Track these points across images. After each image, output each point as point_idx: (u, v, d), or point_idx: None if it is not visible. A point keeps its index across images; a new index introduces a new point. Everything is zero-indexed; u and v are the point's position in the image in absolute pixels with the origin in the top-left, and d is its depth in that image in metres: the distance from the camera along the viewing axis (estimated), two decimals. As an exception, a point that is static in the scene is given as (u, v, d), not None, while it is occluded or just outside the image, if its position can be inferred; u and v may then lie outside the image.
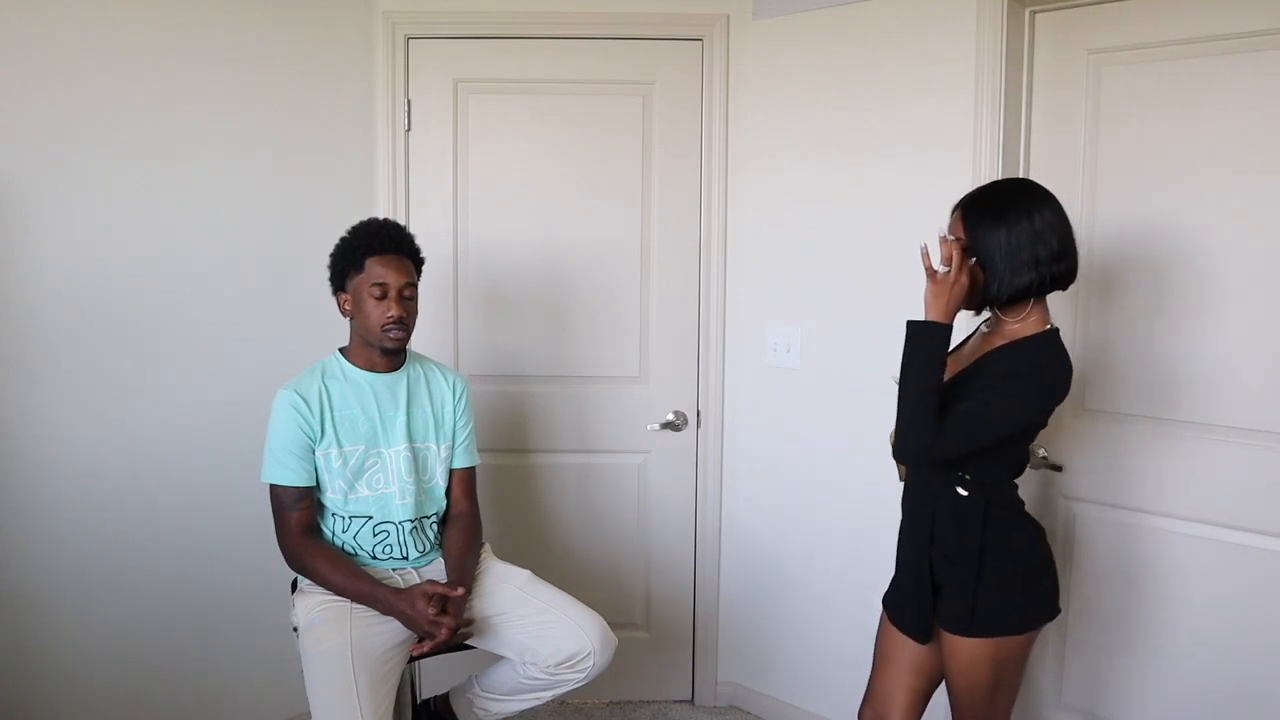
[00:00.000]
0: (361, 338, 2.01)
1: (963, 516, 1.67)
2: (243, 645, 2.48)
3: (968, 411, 1.59)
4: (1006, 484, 1.72)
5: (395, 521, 2.02)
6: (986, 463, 1.66)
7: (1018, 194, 1.63)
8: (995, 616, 1.67)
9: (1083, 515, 2.22)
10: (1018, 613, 1.68)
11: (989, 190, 1.66)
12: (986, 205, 1.63)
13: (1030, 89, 2.20)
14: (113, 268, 2.21)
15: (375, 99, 2.60)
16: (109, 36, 2.16)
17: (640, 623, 2.81)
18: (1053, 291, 1.64)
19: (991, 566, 1.66)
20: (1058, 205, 1.62)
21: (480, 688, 2.08)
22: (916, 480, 1.79)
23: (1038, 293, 1.62)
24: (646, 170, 2.64)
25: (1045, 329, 1.65)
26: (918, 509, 1.76)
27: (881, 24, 2.32)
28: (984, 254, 1.61)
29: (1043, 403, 1.64)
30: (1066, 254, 1.61)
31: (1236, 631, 2.03)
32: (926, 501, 1.73)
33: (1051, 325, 1.66)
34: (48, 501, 2.16)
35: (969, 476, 1.67)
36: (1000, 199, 1.63)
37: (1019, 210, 1.59)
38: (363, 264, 1.96)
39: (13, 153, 2.05)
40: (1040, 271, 1.59)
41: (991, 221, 1.60)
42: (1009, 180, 1.66)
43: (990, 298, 1.64)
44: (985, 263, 1.61)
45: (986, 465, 1.67)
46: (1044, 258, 1.59)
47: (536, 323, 2.70)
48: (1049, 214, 1.60)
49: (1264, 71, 1.91)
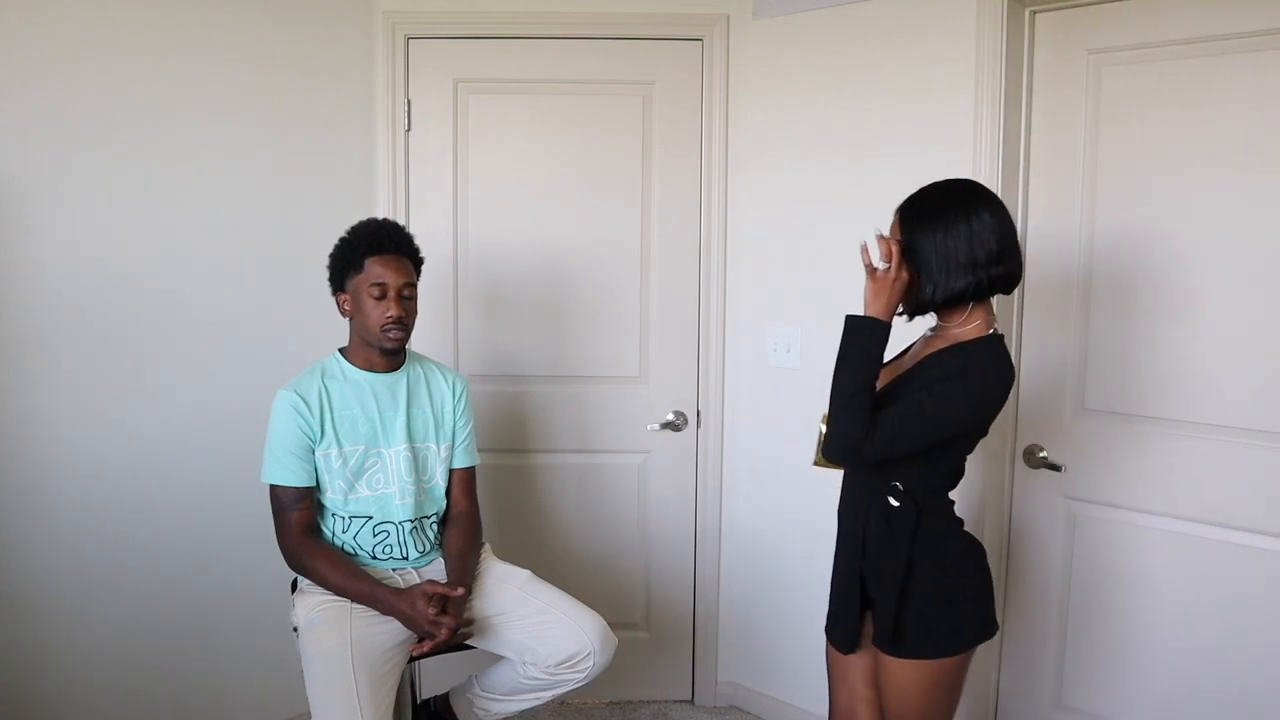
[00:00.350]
0: (361, 338, 2.01)
1: (893, 527, 1.63)
2: (243, 645, 2.48)
3: (900, 411, 1.56)
4: (941, 496, 1.67)
5: (395, 521, 2.02)
6: (920, 470, 1.62)
7: (957, 195, 1.59)
8: (923, 637, 1.61)
9: (1083, 515, 2.22)
10: (947, 634, 1.62)
11: (928, 191, 1.62)
12: (923, 206, 1.60)
13: (1030, 89, 2.20)
14: (113, 267, 2.21)
15: (375, 99, 2.60)
16: (109, 36, 2.16)
17: (640, 623, 2.81)
18: (993, 295, 1.61)
19: (920, 582, 1.61)
20: (1000, 207, 1.58)
21: (480, 688, 2.08)
22: (851, 488, 1.74)
23: (975, 297, 1.58)
24: (646, 170, 2.64)
25: (988, 334, 1.61)
26: (851, 519, 1.72)
27: (881, 24, 2.32)
28: (919, 256, 1.58)
29: (979, 407, 1.59)
30: (1006, 257, 1.56)
31: (1236, 631, 2.03)
32: (860, 511, 1.69)
33: (995, 330, 1.63)
34: (48, 501, 2.16)
35: (901, 486, 1.62)
36: (938, 200, 1.59)
37: (956, 212, 1.56)
38: (362, 264, 1.96)
39: (13, 152, 2.05)
40: (978, 275, 1.55)
41: (928, 223, 1.57)
42: (951, 181, 1.62)
43: (925, 300, 1.60)
44: (920, 265, 1.58)
45: (920, 473, 1.62)
46: (982, 260, 1.54)
47: (536, 323, 2.70)
48: (988, 216, 1.55)
49: (1264, 71, 1.91)
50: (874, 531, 1.66)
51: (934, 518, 1.65)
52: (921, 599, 1.62)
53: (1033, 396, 2.27)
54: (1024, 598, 2.33)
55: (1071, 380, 2.21)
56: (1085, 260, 2.17)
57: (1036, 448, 2.26)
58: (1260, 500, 1.97)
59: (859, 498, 1.70)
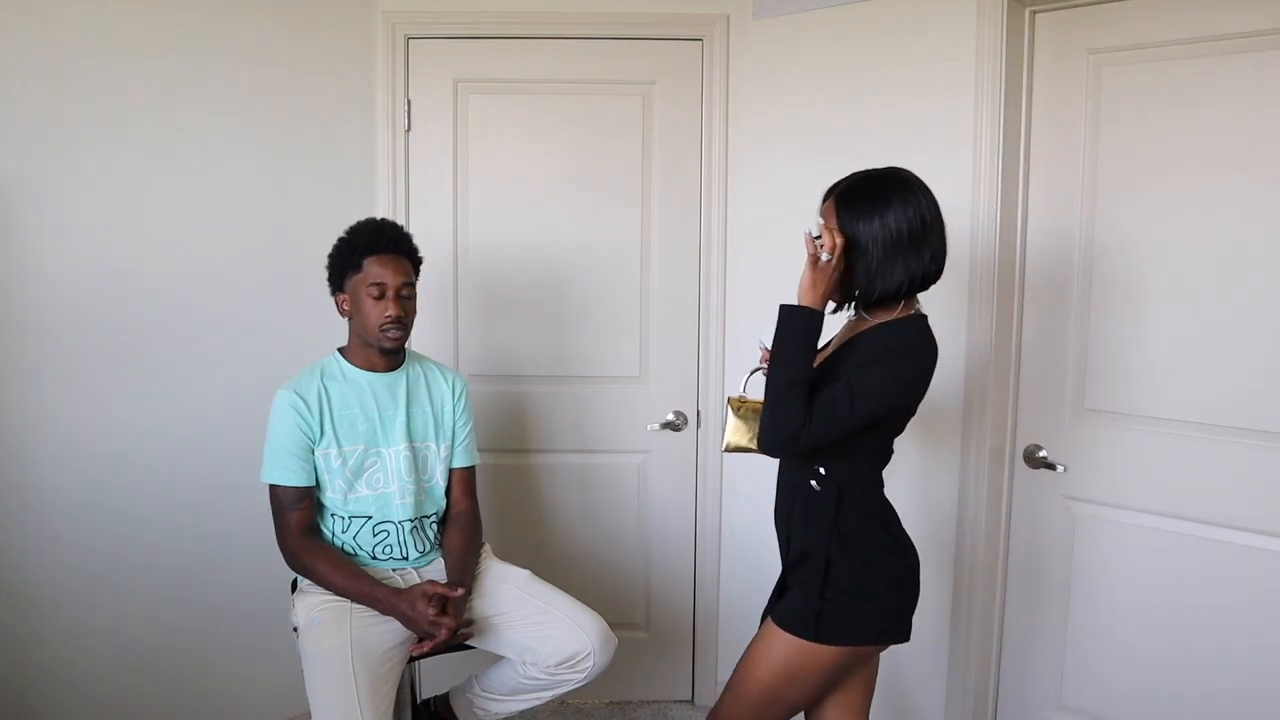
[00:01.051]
0: (360, 338, 2.01)
1: (812, 512, 1.62)
2: (243, 645, 2.48)
3: (832, 396, 1.54)
4: (865, 482, 1.64)
5: (395, 521, 2.02)
6: (846, 454, 1.60)
7: (891, 185, 1.56)
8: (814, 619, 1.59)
9: (1083, 515, 2.22)
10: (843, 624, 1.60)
11: (863, 181, 1.59)
12: (860, 196, 1.56)
13: (1030, 89, 2.20)
14: (113, 267, 2.21)
15: (375, 99, 2.60)
16: (109, 37, 2.16)
17: (640, 623, 2.81)
18: (925, 289, 1.61)
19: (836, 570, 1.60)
20: (932, 197, 1.57)
21: (480, 688, 2.08)
22: (782, 474, 1.73)
23: (909, 292, 1.59)
24: (646, 170, 2.64)
25: (911, 314, 1.61)
26: (780, 506, 1.72)
27: (881, 24, 2.32)
28: (856, 247, 1.56)
29: (910, 384, 1.59)
30: (938, 249, 1.57)
31: (1236, 631, 2.03)
32: (787, 497, 1.69)
33: (919, 310, 1.63)
34: (49, 499, 2.16)
35: (824, 470, 1.61)
36: (874, 190, 1.56)
37: (893, 202, 1.54)
38: (360, 264, 1.96)
39: (14, 153, 2.05)
40: (910, 269, 1.55)
41: (865, 214, 1.55)
42: (883, 170, 1.59)
43: (861, 290, 1.58)
44: (857, 256, 1.56)
45: (846, 457, 1.61)
46: (913, 251, 1.54)
47: (536, 323, 2.70)
48: (924, 206, 1.55)
49: (1264, 71, 1.91)
50: (798, 516, 1.66)
51: (857, 508, 1.62)
52: (833, 585, 1.60)
53: (1033, 396, 2.27)
54: (1024, 598, 2.33)
55: (1071, 380, 2.21)
56: (1085, 260, 2.17)
57: (1036, 448, 2.26)
58: (1260, 500, 1.97)
59: (788, 482, 1.70)
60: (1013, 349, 2.28)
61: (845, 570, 1.61)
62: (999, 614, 2.37)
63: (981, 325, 2.22)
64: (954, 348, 2.27)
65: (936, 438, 2.32)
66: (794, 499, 1.67)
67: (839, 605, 1.60)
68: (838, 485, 1.61)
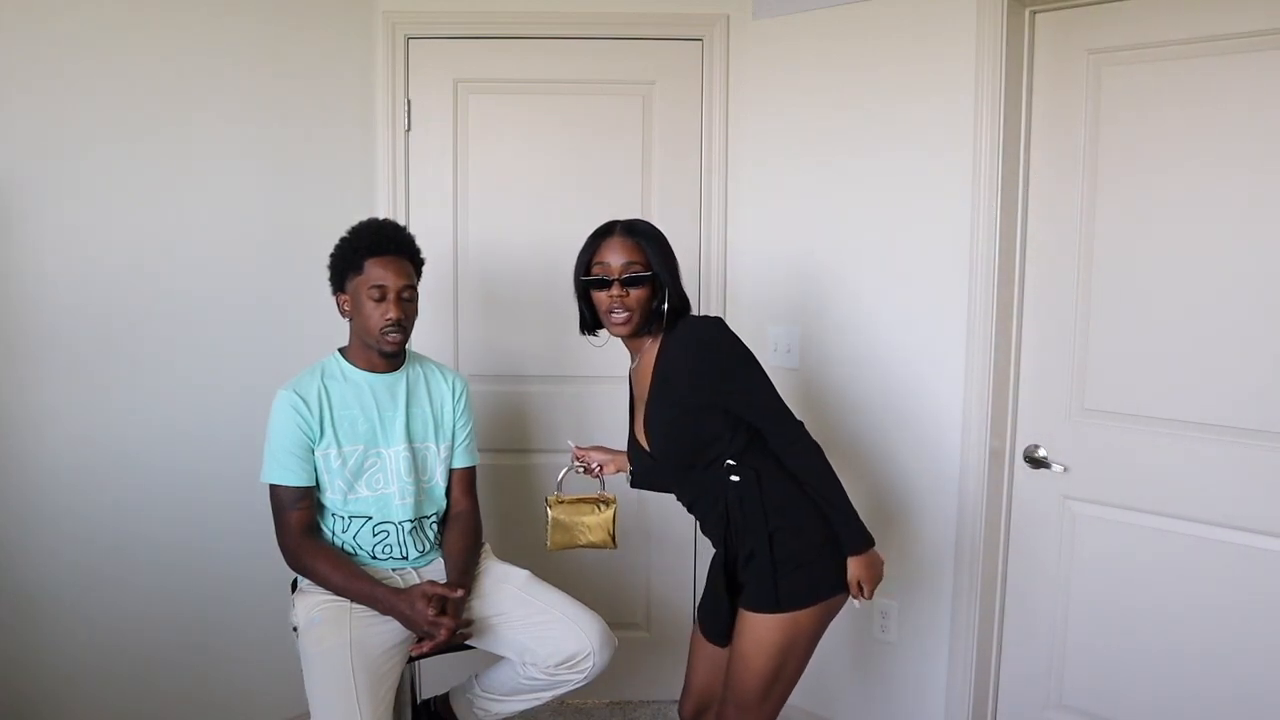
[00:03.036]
0: (360, 339, 2.01)
1: (745, 502, 1.75)
2: (242, 645, 2.48)
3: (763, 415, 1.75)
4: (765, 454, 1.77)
5: (395, 522, 2.02)
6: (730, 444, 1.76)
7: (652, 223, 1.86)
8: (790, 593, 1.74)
9: (1083, 515, 2.22)
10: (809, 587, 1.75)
11: (639, 221, 1.85)
12: (648, 229, 1.82)
13: (1030, 89, 2.20)
14: (113, 267, 2.21)
15: (375, 99, 2.60)
16: (109, 38, 2.16)
17: (640, 623, 2.81)
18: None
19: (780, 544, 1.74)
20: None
21: (480, 688, 2.08)
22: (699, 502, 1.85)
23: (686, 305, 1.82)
24: (646, 170, 2.64)
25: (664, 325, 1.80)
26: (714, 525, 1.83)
27: (881, 24, 2.32)
28: (661, 271, 1.78)
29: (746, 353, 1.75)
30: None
31: (1236, 631, 2.03)
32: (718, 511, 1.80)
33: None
34: (49, 499, 2.16)
35: (732, 462, 1.76)
36: (650, 226, 1.84)
37: (662, 236, 1.83)
38: (362, 265, 1.96)
39: (16, 153, 2.05)
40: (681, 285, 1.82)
41: (658, 242, 1.80)
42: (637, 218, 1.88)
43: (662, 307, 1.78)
44: (662, 278, 1.78)
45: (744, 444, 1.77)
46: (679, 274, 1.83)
47: (536, 323, 2.69)
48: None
49: (1264, 71, 1.91)
50: (736, 516, 1.77)
51: (774, 478, 1.76)
52: (780, 556, 1.73)
53: (1033, 396, 2.27)
54: (1024, 598, 2.33)
55: (1071, 380, 2.21)
56: (1085, 260, 2.17)
57: (1036, 448, 2.26)
58: (1260, 500, 1.97)
59: (709, 498, 1.82)
60: (1013, 349, 2.28)
61: (785, 537, 1.75)
62: (999, 614, 2.37)
63: (981, 325, 2.22)
64: (954, 348, 2.27)
65: (936, 438, 2.32)
66: (725, 505, 1.78)
67: (793, 571, 1.74)
68: (751, 467, 1.76)
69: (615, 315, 1.77)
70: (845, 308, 2.47)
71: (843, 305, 2.47)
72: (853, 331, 2.45)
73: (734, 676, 1.78)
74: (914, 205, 2.30)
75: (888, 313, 2.37)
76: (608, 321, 1.80)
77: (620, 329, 1.79)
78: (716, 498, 1.79)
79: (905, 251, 2.32)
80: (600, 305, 1.79)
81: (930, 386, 2.32)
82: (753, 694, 1.76)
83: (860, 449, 2.46)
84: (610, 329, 1.81)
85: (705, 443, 1.77)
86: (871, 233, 2.39)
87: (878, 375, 2.41)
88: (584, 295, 1.83)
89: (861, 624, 2.51)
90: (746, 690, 1.76)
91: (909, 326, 2.34)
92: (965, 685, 2.33)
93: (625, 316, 1.76)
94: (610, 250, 1.78)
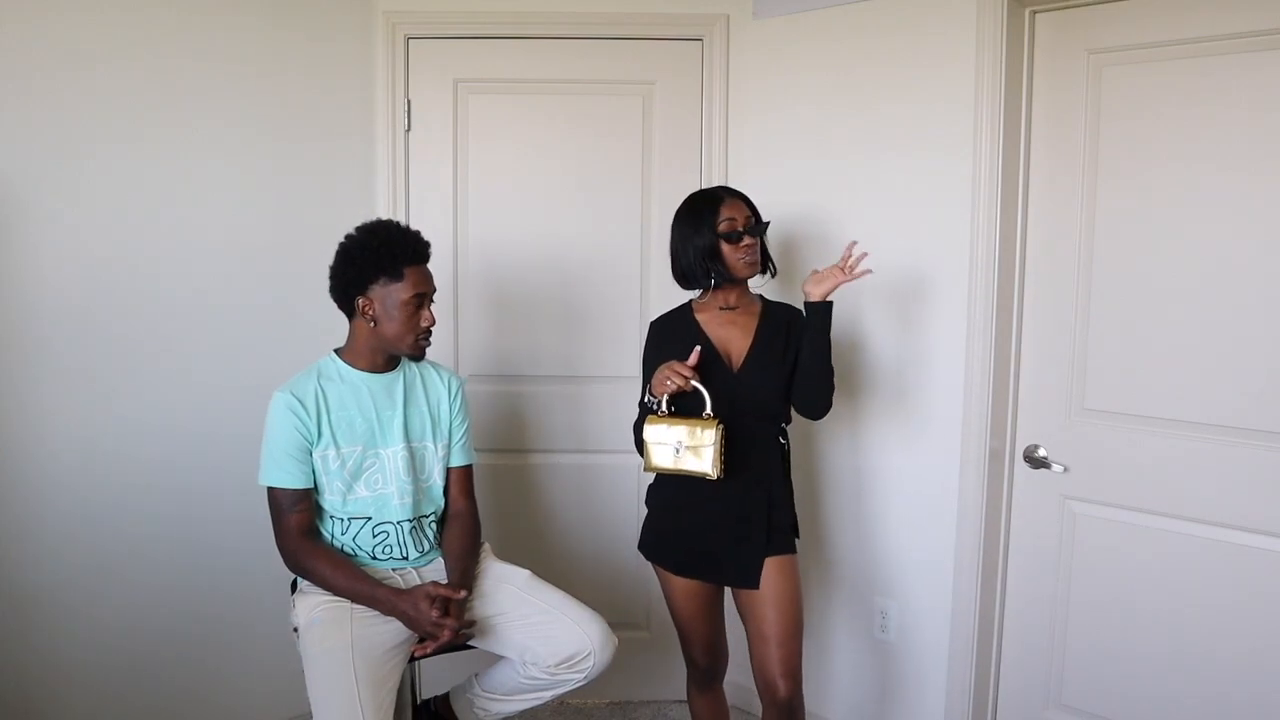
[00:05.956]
0: (376, 343, 1.98)
1: (785, 461, 2.04)
2: (243, 645, 2.48)
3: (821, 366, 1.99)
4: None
5: (394, 522, 2.02)
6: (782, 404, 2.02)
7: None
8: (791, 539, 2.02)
9: (1083, 515, 2.22)
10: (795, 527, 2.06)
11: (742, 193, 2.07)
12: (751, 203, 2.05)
13: (1030, 89, 2.20)
14: (113, 267, 2.21)
15: (375, 99, 2.60)
16: (109, 39, 2.16)
17: (640, 623, 2.81)
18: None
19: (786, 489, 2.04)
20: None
21: (480, 688, 2.08)
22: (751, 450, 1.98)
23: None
24: (646, 170, 2.64)
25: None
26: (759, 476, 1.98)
27: (881, 24, 2.32)
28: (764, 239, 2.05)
29: None
30: None
31: (1236, 631, 2.03)
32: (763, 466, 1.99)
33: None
34: (49, 500, 2.16)
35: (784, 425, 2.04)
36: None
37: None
38: (401, 273, 1.93)
39: (16, 154, 2.06)
40: None
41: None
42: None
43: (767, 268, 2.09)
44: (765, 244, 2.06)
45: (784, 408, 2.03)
46: None
47: (536, 323, 2.70)
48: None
49: (1264, 71, 1.91)
50: (774, 472, 2.01)
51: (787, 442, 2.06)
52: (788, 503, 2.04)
53: (1033, 396, 2.28)
54: (1024, 597, 2.33)
55: (1072, 380, 2.21)
56: (1085, 260, 2.17)
57: (1036, 448, 2.26)
58: (1260, 500, 1.97)
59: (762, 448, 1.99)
60: (1013, 349, 2.28)
61: (788, 489, 2.06)
62: (999, 614, 2.37)
63: (981, 325, 2.22)
64: (954, 347, 2.27)
65: (937, 438, 2.32)
66: (767, 459, 2.00)
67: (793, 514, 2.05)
68: (786, 433, 2.06)
69: (749, 258, 2.00)
70: (844, 307, 2.46)
71: (842, 304, 2.46)
72: (852, 332, 2.45)
73: (784, 613, 1.96)
74: (914, 204, 2.30)
75: (887, 313, 2.37)
76: (740, 267, 2.00)
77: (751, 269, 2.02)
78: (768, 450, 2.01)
79: (905, 251, 2.32)
80: (732, 254, 1.99)
81: (930, 386, 2.33)
82: (802, 623, 2.00)
83: (860, 449, 2.46)
84: (740, 273, 2.01)
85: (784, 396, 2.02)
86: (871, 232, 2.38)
87: (877, 375, 2.41)
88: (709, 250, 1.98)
89: (862, 624, 2.51)
90: (799, 622, 1.98)
91: (908, 326, 2.35)
92: (965, 685, 2.33)
93: (755, 258, 2.02)
94: (734, 208, 2.01)
